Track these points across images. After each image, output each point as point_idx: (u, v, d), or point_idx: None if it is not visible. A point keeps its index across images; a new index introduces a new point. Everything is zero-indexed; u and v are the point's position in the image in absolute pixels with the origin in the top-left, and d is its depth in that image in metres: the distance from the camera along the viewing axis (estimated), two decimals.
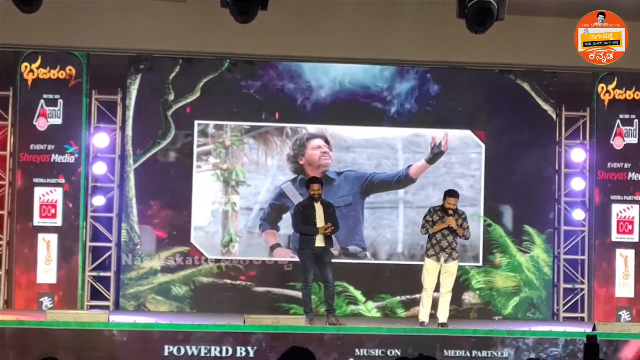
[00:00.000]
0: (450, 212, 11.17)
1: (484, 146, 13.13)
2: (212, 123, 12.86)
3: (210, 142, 12.76)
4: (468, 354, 10.49)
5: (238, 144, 12.75)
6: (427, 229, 11.23)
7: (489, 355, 10.50)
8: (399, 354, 10.40)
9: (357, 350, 10.46)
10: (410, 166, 12.84)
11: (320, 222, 11.09)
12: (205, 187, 12.70)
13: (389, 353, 10.42)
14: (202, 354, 10.20)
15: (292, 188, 12.64)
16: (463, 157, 13.06)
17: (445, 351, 10.51)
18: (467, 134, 13.12)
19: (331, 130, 12.90)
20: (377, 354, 10.45)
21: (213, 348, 10.24)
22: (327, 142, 12.80)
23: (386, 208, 12.67)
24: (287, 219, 12.54)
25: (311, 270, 11.13)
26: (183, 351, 10.21)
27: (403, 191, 12.85)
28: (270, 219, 12.70)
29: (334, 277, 11.31)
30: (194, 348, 10.21)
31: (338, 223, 11.31)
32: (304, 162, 12.82)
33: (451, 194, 11.31)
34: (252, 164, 12.76)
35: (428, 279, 11.25)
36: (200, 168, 12.63)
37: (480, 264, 13.08)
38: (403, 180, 12.81)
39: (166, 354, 10.21)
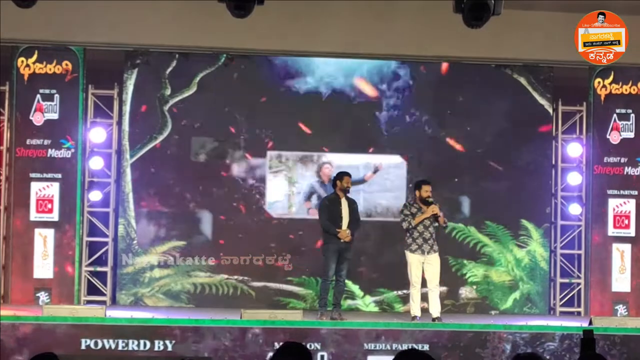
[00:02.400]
0: (430, 199, 11.21)
1: (481, 140, 13.15)
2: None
3: (283, 166, 13.08)
4: (465, 348, 10.50)
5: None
6: (408, 222, 11.24)
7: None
8: (396, 347, 10.41)
9: (353, 345, 10.46)
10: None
11: (345, 217, 11.41)
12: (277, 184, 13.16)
13: (385, 347, 10.43)
14: (120, 348, 10.20)
15: (316, 185, 13.17)
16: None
17: (441, 345, 10.52)
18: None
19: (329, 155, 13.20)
20: (372, 348, 10.46)
21: (130, 342, 10.24)
22: (331, 164, 13.21)
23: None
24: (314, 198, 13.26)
25: (332, 265, 11.35)
26: (100, 345, 10.20)
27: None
28: (307, 197, 13.15)
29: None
30: (110, 342, 10.20)
31: (360, 218, 11.70)
32: (322, 173, 13.12)
33: (426, 182, 11.41)
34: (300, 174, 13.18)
35: (414, 274, 11.26)
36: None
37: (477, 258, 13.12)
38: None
39: (83, 347, 10.20)
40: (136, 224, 12.81)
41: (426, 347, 10.41)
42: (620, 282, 13.05)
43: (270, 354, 9.44)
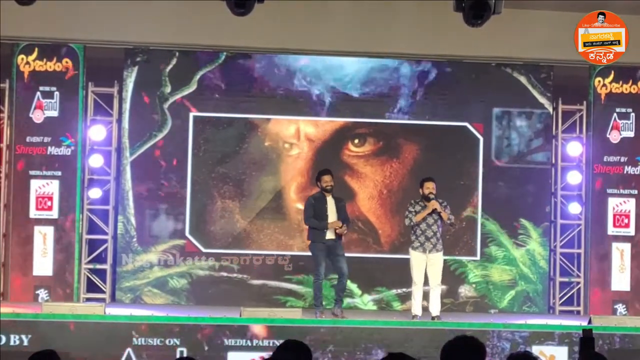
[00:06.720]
0: (432, 196, 11.21)
1: (481, 139, 13.15)
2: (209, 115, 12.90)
3: None
4: None
5: None
6: (410, 219, 11.27)
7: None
8: (396, 346, 10.43)
9: (352, 343, 10.47)
10: None
11: (331, 215, 11.37)
12: None
13: (384, 346, 10.45)
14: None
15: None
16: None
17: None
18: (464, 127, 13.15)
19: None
20: (371, 346, 10.47)
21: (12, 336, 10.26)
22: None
23: None
24: None
25: (322, 264, 11.34)
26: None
27: None
28: None
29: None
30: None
31: (348, 217, 11.64)
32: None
33: (427, 179, 11.41)
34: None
35: (416, 272, 11.28)
36: None
37: (478, 257, 13.10)
38: None
39: None
40: (136, 222, 12.80)
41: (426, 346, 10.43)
42: (620, 281, 13.05)
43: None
